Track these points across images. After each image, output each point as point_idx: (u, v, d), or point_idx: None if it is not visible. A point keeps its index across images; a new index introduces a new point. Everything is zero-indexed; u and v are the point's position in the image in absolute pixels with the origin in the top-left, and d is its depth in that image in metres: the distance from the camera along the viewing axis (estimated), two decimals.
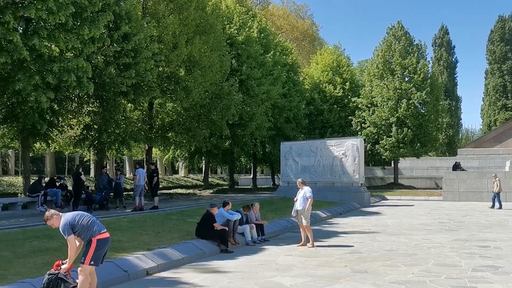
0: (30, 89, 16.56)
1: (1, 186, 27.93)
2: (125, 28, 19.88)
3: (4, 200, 19.29)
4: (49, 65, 16.70)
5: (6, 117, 20.56)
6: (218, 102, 29.69)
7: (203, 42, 26.68)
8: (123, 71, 20.80)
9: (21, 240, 11.35)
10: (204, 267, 10.84)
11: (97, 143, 25.22)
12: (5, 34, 15.26)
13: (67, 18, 16.52)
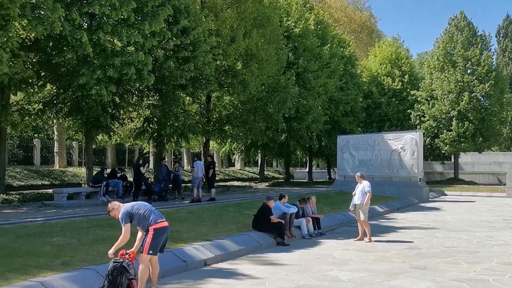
0: (93, 83, 17.13)
1: (66, 177, 29.03)
2: (184, 22, 20.18)
3: (69, 190, 20.05)
4: (111, 59, 17.20)
5: (71, 110, 21.39)
6: (274, 95, 29.69)
7: (261, 35, 26.72)
8: (182, 65, 21.15)
9: (85, 228, 11.77)
10: (260, 259, 10.90)
11: (157, 135, 25.81)
12: (72, 32, 15.83)
13: (129, 13, 16.96)
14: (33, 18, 15.03)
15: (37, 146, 35.79)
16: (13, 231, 10.86)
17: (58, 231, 11.14)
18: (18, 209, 16.96)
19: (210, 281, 8.66)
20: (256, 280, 8.84)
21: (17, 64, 15.41)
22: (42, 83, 20.37)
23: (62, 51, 16.91)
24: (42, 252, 9.04)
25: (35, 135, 42.42)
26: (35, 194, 20.00)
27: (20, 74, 16.06)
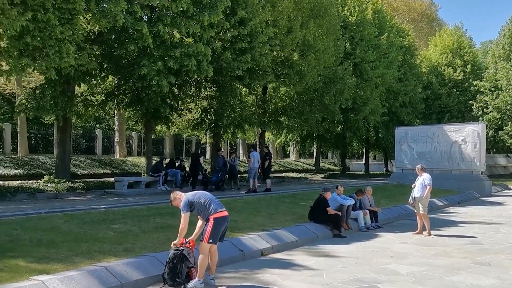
0: (153, 74, 17.51)
1: (126, 166, 29.87)
2: (241, 13, 20.28)
3: (129, 179, 20.65)
4: (171, 51, 17.53)
5: (132, 101, 21.98)
6: (331, 86, 29.41)
7: (318, 26, 26.48)
8: (239, 56, 21.28)
9: (146, 216, 12.11)
10: (317, 251, 10.89)
11: (214, 126, 26.15)
12: (134, 24, 16.24)
13: (188, 5, 17.21)
14: (98, 11, 15.50)
15: (98, 136, 36.97)
16: (79, 217, 11.30)
17: (120, 219, 11.51)
18: (82, 197, 17.64)
19: (267, 271, 8.74)
20: (313, 271, 8.85)
21: (82, 57, 15.96)
22: (105, 74, 21.02)
23: (124, 43, 17.37)
24: (106, 238, 9.37)
25: (97, 125, 43.84)
26: (97, 183, 20.71)
27: (84, 66, 16.63)
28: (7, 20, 12.93)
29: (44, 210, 12.64)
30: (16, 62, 14.65)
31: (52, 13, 13.87)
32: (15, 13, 12.98)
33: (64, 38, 14.60)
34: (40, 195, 16.72)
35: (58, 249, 8.27)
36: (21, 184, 17.99)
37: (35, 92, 19.75)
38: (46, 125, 35.56)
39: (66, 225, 10.30)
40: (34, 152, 32.21)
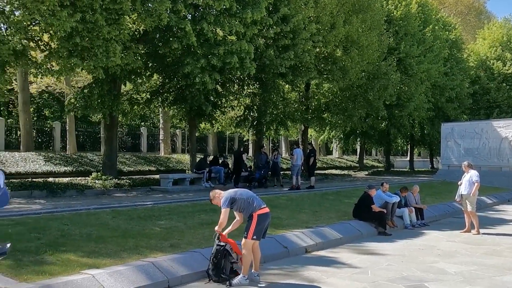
0: (197, 72, 17.71)
1: (171, 163, 30.30)
2: (284, 9, 20.24)
3: (174, 176, 20.94)
4: (214, 49, 17.69)
5: (176, 99, 22.30)
6: (375, 82, 29.03)
7: (361, 21, 26.17)
8: (282, 53, 21.26)
9: (191, 212, 12.26)
10: (361, 248, 10.80)
11: (257, 123, 26.22)
12: (178, 22, 16.47)
13: (231, 3, 17.32)
14: (143, 11, 15.79)
15: (143, 134, 37.66)
16: (126, 214, 11.55)
17: (165, 215, 11.69)
18: (129, 193, 18.01)
19: (311, 268, 8.72)
20: (357, 269, 8.78)
21: (128, 56, 16.30)
22: (150, 73, 21.39)
23: (168, 42, 17.62)
24: (152, 234, 9.55)
25: (142, 123, 44.66)
26: (143, 179, 21.09)
27: (130, 65, 16.98)
28: (58, 22, 13.32)
29: (93, 206, 12.98)
30: (65, 62, 15.08)
31: (99, 13, 14.22)
32: (65, 14, 13.36)
33: (111, 38, 14.94)
34: (88, 191, 17.17)
35: (107, 244, 8.48)
36: (70, 181, 18.52)
37: (83, 91, 20.29)
38: (93, 124, 36.48)
39: (114, 221, 10.54)
40: (82, 150, 33.12)
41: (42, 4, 12.88)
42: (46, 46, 15.96)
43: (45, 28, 14.33)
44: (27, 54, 14.86)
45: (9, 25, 14.33)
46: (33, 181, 17.47)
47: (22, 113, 27.84)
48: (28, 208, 12.60)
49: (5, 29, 15.02)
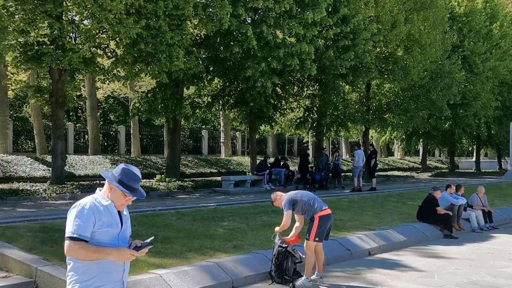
0: (258, 75, 17.88)
1: (231, 165, 30.65)
2: (344, 10, 20.11)
3: (235, 178, 21.19)
4: (274, 51, 17.82)
5: (237, 101, 22.59)
6: (438, 81, 28.26)
7: (423, 19, 25.57)
8: (342, 54, 21.13)
9: (252, 214, 12.37)
10: (426, 251, 10.57)
11: (317, 125, 26.14)
12: (238, 26, 16.72)
13: (291, 5, 17.41)
14: (204, 16, 16.14)
15: (205, 137, 38.30)
16: (190, 215, 11.79)
17: (228, 216, 11.85)
18: (192, 195, 18.37)
19: (375, 271, 8.62)
20: (423, 272, 8.60)
21: (190, 60, 16.68)
22: (211, 77, 21.77)
23: (229, 46, 17.90)
24: (216, 235, 9.71)
25: (203, 126, 45.43)
26: (205, 181, 21.45)
27: (193, 69, 17.38)
28: (124, 29, 13.83)
29: (158, 207, 13.33)
30: (131, 68, 15.63)
31: (163, 20, 14.65)
32: (131, 21, 13.87)
33: (174, 43, 15.35)
34: (152, 193, 17.63)
35: (172, 244, 8.69)
36: None
37: (147, 96, 20.89)
38: (156, 127, 37.44)
39: (178, 222, 10.78)
40: (146, 153, 34.04)
41: (110, 12, 13.40)
42: (112, 53, 16.59)
43: (112, 35, 14.90)
44: (95, 61, 15.52)
45: (79, 34, 14.98)
46: (101, 183, 18.09)
47: (90, 118, 28.97)
48: None
49: (75, 38, 15.74)
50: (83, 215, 3.46)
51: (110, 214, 3.56)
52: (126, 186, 3.56)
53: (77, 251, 3.43)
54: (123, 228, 3.65)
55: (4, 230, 8.64)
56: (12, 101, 33.95)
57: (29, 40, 15.29)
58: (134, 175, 3.64)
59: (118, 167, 3.66)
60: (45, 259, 7.27)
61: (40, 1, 13.92)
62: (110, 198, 3.60)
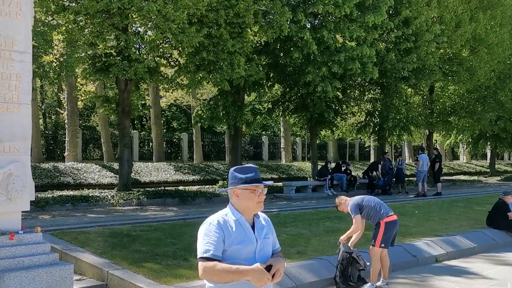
0: (318, 80, 17.87)
1: (292, 171, 30.63)
2: (405, 12, 19.78)
3: (297, 183, 21.17)
4: (335, 56, 17.77)
5: (297, 107, 22.62)
6: (506, 82, 27.24)
7: (490, 18, 24.73)
8: (403, 56, 20.79)
9: (315, 220, 12.33)
10: (497, 259, 10.20)
11: (379, 129, 25.76)
12: (298, 32, 16.80)
13: (351, 8, 17.34)
14: (265, 23, 16.32)
15: (265, 143, 38.50)
16: None
17: (291, 222, 11.87)
18: None
19: (442, 279, 8.41)
20: (494, 281, 8.31)
21: (251, 67, 16.89)
22: (271, 83, 21.92)
23: (289, 52, 18.01)
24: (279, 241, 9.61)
25: (263, 132, 45.70)
26: (267, 187, 21.54)
27: (253, 76, 17.57)
28: (187, 38, 14.18)
29: None
30: (193, 76, 15.97)
31: (224, 28, 14.93)
32: (193, 30, 14.21)
33: (235, 51, 15.59)
34: (216, 199, 17.87)
35: None
36: (199, 189, 19.43)
37: (209, 103, 21.27)
38: (218, 134, 37.99)
39: None
40: (208, 159, 34.59)
41: (173, 22, 13.78)
42: (175, 62, 17.02)
43: (175, 45, 15.32)
44: (159, 71, 15.97)
45: (143, 44, 15.50)
46: (166, 189, 18.60)
47: (154, 126, 29.79)
48: (163, 215, 13.44)
49: (139, 49, 16.29)
50: (211, 232, 3.18)
51: (242, 228, 3.22)
52: (246, 179, 3.23)
53: (209, 273, 3.12)
54: (259, 243, 3.24)
55: (77, 235, 9.03)
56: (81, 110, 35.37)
57: (97, 52, 15.97)
58: (246, 167, 3.32)
59: (229, 175, 3.36)
60: (115, 263, 7.55)
61: (107, 14, 14.50)
62: (241, 208, 3.26)
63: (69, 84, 23.51)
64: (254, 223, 3.30)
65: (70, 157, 24.64)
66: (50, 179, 19.73)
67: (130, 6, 13.81)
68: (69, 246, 8.20)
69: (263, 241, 3.27)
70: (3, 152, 6.02)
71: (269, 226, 3.42)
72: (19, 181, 6.04)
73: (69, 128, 25.20)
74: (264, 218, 3.42)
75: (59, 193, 15.84)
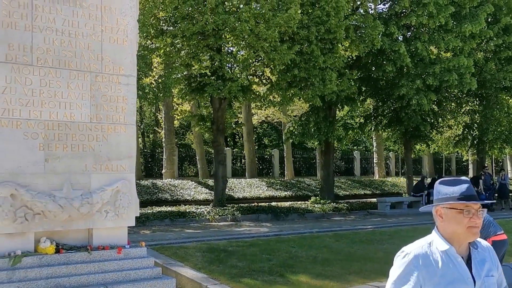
0: (413, 93, 17.45)
1: (386, 186, 29.91)
2: (505, 19, 18.86)
3: (391, 199, 20.68)
4: (430, 68, 17.28)
5: (391, 121, 22.14)
6: None
7: None
8: (504, 66, 19.82)
9: (412, 237, 11.48)
10: None
11: (478, 142, 24.62)
12: (391, 45, 16.53)
13: (446, 19, 16.82)
14: (356, 38, 16.21)
15: (356, 158, 37.89)
16: (348, 237, 11.73)
17: (387, 239, 11.58)
18: (347, 217, 18.25)
19: None
20: None
21: (342, 82, 16.83)
22: (363, 97, 21.68)
23: (382, 65, 17.75)
24: (376, 258, 9.52)
25: (354, 147, 45.04)
26: (360, 203, 21.22)
27: (345, 91, 17.47)
28: (279, 56, 14.40)
29: (315, 229, 13.45)
30: (285, 93, 16.15)
31: (315, 44, 15.03)
32: (285, 48, 14.41)
33: (326, 67, 15.61)
34: (308, 215, 17.84)
35: (332, 267, 8.70)
36: (291, 205, 19.48)
37: (301, 119, 21.35)
38: (308, 149, 37.93)
39: (336, 244, 10.78)
40: (298, 175, 34.56)
41: (265, 41, 14.06)
42: (267, 80, 17.29)
43: (267, 63, 15.59)
44: (251, 89, 16.29)
45: (236, 64, 15.91)
46: (259, 205, 18.82)
47: (246, 143, 30.31)
48: (257, 230, 13.59)
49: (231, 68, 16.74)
50: (404, 272, 2.44)
51: (451, 264, 2.41)
52: (453, 194, 2.44)
53: None
54: (478, 285, 2.41)
55: (176, 250, 9.35)
56: (177, 129, 36.69)
57: (192, 72, 16.58)
58: (456, 180, 2.52)
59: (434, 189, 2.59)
60: (213, 278, 7.72)
61: (202, 36, 15.06)
62: (447, 234, 2.46)
63: (166, 104, 24.52)
64: (469, 256, 2.47)
65: (168, 174, 25.59)
66: (149, 195, 20.58)
67: (224, 27, 14.27)
68: (170, 261, 8.50)
69: (484, 281, 2.43)
70: (110, 170, 6.40)
71: (492, 258, 2.54)
72: (126, 198, 6.40)
73: (166, 146, 26.22)
74: (485, 247, 2.56)
75: (158, 209, 16.54)
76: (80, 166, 6.22)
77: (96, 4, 6.42)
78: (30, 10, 6.00)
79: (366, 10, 18.30)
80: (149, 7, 13.97)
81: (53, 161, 6.06)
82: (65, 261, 5.97)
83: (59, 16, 6.18)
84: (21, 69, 5.95)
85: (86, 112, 6.31)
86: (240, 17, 14.36)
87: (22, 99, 5.94)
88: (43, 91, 6.08)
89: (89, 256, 6.10)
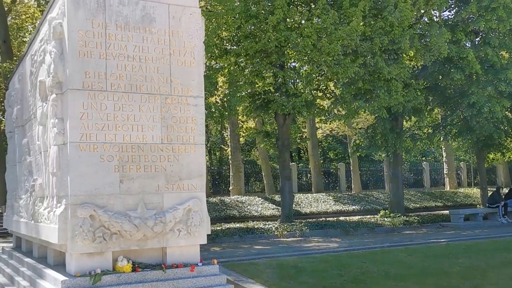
0: (484, 100, 16.88)
1: (458, 198, 28.91)
2: None
3: (465, 211, 19.94)
4: (501, 74, 16.68)
5: (461, 130, 21.40)
6: None
7: None
8: None
9: (490, 250, 11.47)
10: None
11: None
12: (458, 52, 16.09)
13: None
14: (421, 47, 15.89)
15: (425, 169, 36.86)
16: (420, 251, 11.43)
17: (462, 253, 11.20)
18: (418, 230, 17.72)
19: None
20: None
21: (408, 93, 16.51)
22: (431, 107, 21.13)
23: (449, 73, 17.28)
24: (451, 273, 9.24)
25: (423, 158, 43.84)
26: (431, 216, 20.60)
27: (412, 101, 17.10)
28: (342, 69, 14.35)
29: (386, 244, 13.20)
30: (349, 106, 16.02)
31: (379, 56, 14.85)
32: (348, 61, 14.34)
33: (392, 78, 15.36)
34: (378, 229, 17.49)
35: (406, 282, 8.52)
36: (360, 219, 19.18)
37: (367, 132, 21.07)
38: (375, 162, 37.28)
39: (409, 259, 10.53)
40: (366, 188, 34.00)
41: (328, 55, 14.05)
42: (331, 94, 17.23)
43: (331, 77, 15.54)
44: (315, 103, 16.28)
45: (299, 79, 15.97)
46: (327, 220, 18.65)
47: (311, 157, 30.22)
48: (327, 246, 13.46)
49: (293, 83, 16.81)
50: None
51: None
52: None
53: None
54: None
55: (246, 267, 9.43)
56: (242, 146, 37.08)
57: (256, 90, 16.76)
58: None
59: None
60: None
61: (265, 53, 15.24)
62: None
63: (231, 121, 24.89)
64: None
65: (235, 191, 25.87)
66: (217, 212, 20.86)
67: (286, 43, 14.39)
68: (241, 278, 8.57)
69: None
70: (182, 190, 6.58)
71: None
72: (197, 216, 6.56)
73: (232, 163, 26.57)
74: None
75: (227, 226, 16.73)
76: (153, 186, 6.43)
77: (165, 29, 6.69)
78: (104, 39, 6.33)
79: (431, 18, 17.89)
80: (212, 27, 14.29)
81: (127, 182, 6.30)
82: (141, 279, 6.16)
83: (130, 42, 6.48)
84: (97, 95, 6.28)
85: (157, 133, 6.54)
86: (302, 32, 14.44)
87: (98, 123, 6.25)
88: (117, 115, 6.37)
89: (163, 274, 6.26)
